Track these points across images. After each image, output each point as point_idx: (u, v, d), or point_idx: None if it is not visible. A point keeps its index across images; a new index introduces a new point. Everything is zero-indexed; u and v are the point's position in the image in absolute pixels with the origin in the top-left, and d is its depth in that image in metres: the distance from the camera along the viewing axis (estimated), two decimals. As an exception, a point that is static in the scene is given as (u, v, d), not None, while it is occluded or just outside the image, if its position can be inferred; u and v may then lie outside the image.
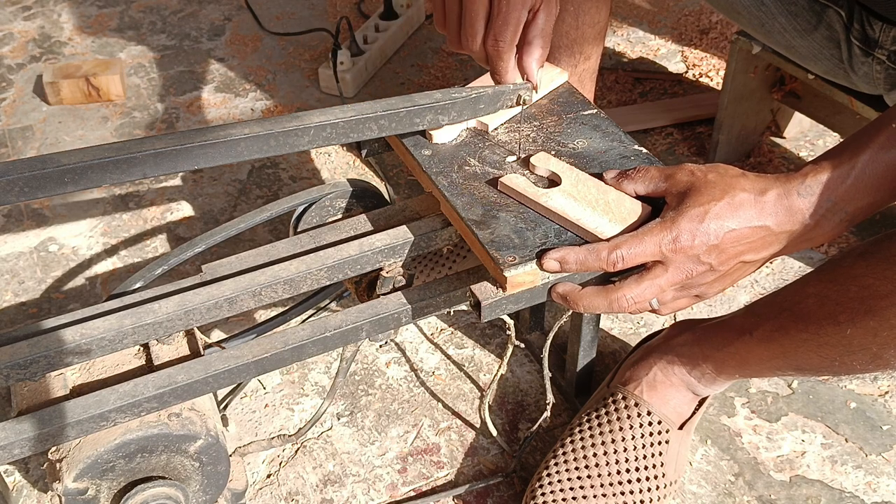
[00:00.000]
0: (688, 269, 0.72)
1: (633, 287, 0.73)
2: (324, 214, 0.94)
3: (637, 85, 1.63)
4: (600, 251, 0.73)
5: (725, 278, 0.75)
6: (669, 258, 0.72)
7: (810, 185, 0.71)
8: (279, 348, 0.77)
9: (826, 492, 0.99)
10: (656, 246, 0.72)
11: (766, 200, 0.71)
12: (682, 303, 0.77)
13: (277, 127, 0.75)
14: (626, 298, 0.73)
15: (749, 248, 0.72)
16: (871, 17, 1.01)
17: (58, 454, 0.73)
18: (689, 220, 0.71)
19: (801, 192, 0.71)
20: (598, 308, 0.75)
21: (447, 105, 0.82)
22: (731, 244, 0.72)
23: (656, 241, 0.72)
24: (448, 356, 1.15)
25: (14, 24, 1.85)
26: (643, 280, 0.73)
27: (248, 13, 1.85)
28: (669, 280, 0.73)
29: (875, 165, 0.70)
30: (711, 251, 0.71)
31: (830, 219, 0.71)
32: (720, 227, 0.71)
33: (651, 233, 0.72)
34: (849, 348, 0.75)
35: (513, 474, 1.01)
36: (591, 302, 0.75)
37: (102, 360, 0.78)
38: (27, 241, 1.34)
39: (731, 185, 0.72)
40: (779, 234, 0.72)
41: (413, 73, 1.69)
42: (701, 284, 0.74)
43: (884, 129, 0.70)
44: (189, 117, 1.59)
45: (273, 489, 1.01)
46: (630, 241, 0.72)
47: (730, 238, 0.71)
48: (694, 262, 0.72)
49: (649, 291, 0.73)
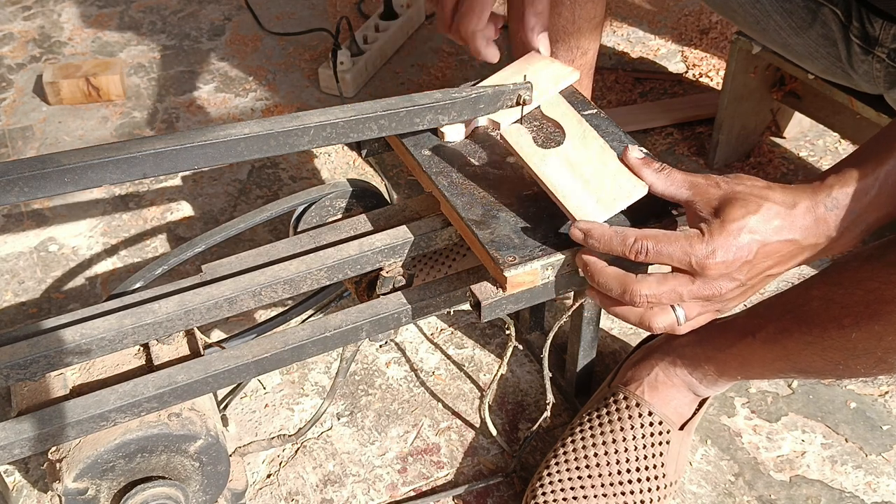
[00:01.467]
0: (718, 286, 0.70)
1: (653, 285, 0.71)
2: (324, 214, 0.94)
3: (637, 85, 1.63)
4: (628, 236, 0.71)
5: (748, 292, 0.73)
6: (700, 272, 0.70)
7: (837, 198, 0.70)
8: (279, 348, 0.77)
9: (826, 492, 0.99)
10: (687, 255, 0.69)
11: (795, 214, 0.70)
12: (703, 319, 0.76)
13: (277, 127, 0.75)
14: (640, 294, 0.71)
15: (777, 261, 0.71)
16: (871, 14, 1.01)
17: (58, 454, 0.73)
18: (727, 236, 0.69)
19: (828, 205, 0.70)
20: (610, 290, 0.73)
21: (447, 105, 0.82)
22: (762, 259, 0.70)
23: (689, 249, 0.69)
24: (448, 356, 1.15)
25: (14, 24, 1.85)
26: (666, 282, 0.71)
27: (248, 13, 1.85)
28: (694, 292, 0.71)
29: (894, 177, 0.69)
30: (744, 267, 0.70)
31: (852, 230, 0.70)
32: (754, 242, 0.69)
33: (686, 238, 0.70)
34: (853, 352, 0.75)
35: (513, 474, 1.01)
36: (607, 282, 0.73)
37: (102, 360, 0.78)
38: (27, 241, 1.34)
39: (763, 196, 0.70)
40: (805, 248, 0.71)
41: (413, 73, 1.69)
42: (726, 300, 0.73)
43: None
44: (189, 117, 1.59)
45: (273, 489, 1.01)
46: (662, 238, 0.70)
47: (762, 253, 0.70)
48: (726, 279, 0.70)
49: (667, 297, 0.71)
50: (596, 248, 0.73)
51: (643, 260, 0.71)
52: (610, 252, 0.73)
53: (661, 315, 0.73)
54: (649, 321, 0.74)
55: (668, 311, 0.73)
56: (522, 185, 0.82)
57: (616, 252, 0.72)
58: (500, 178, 0.83)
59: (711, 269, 0.69)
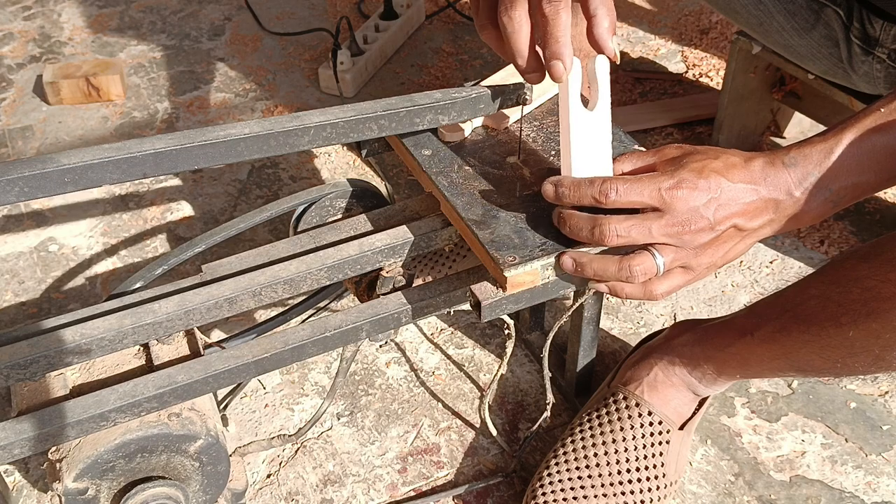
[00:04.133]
0: (685, 218, 0.72)
1: (623, 221, 0.72)
2: (324, 214, 0.94)
3: (637, 85, 1.63)
4: (595, 180, 0.73)
5: (719, 246, 0.74)
6: (668, 203, 0.71)
7: (794, 157, 0.72)
8: (279, 348, 0.77)
9: (826, 492, 0.99)
10: (655, 188, 0.71)
11: (753, 165, 0.73)
12: (677, 276, 0.76)
13: (277, 127, 0.75)
14: (610, 228, 0.72)
15: (743, 210, 0.73)
16: (872, 15, 1.01)
17: (58, 454, 0.73)
18: (690, 171, 0.72)
19: (785, 161, 0.72)
20: (581, 229, 0.73)
21: (447, 105, 0.82)
22: (727, 200, 0.72)
23: (655, 183, 0.71)
24: (448, 356, 1.15)
25: (14, 24, 1.85)
26: (633, 217, 0.72)
27: (248, 13, 1.85)
28: (663, 226, 0.72)
29: (860, 146, 0.71)
30: (711, 203, 0.71)
31: (816, 195, 0.72)
32: (718, 181, 0.72)
33: (650, 176, 0.72)
34: (851, 350, 0.75)
35: (513, 474, 1.01)
36: (577, 223, 0.74)
37: (102, 360, 0.78)
38: (27, 241, 1.34)
39: (721, 151, 0.74)
40: (767, 202, 0.73)
41: (413, 73, 1.69)
42: (696, 246, 0.73)
43: (872, 112, 0.71)
44: (189, 117, 1.59)
45: (273, 489, 1.01)
46: (630, 179, 0.72)
47: (727, 194, 0.72)
48: (693, 213, 0.72)
49: (637, 231, 0.72)
50: (566, 198, 0.74)
51: (613, 201, 0.72)
52: (580, 200, 0.74)
53: (638, 258, 0.74)
54: (628, 265, 0.73)
55: (645, 255, 0.74)
56: (522, 185, 0.82)
57: (586, 199, 0.73)
58: (500, 178, 0.83)
59: (679, 200, 0.71)
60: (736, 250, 0.76)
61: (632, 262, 0.73)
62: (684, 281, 0.77)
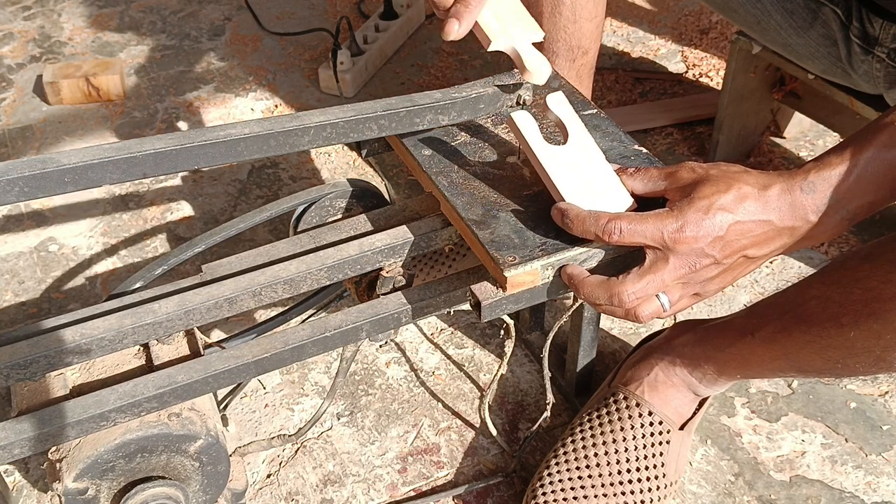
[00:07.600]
0: (691, 262, 0.72)
1: (636, 281, 0.72)
2: (324, 214, 0.94)
3: (637, 85, 1.63)
4: (601, 217, 0.72)
5: (727, 274, 0.74)
6: (672, 248, 0.71)
7: (813, 182, 0.71)
8: (279, 348, 0.77)
9: (826, 492, 0.99)
10: (658, 231, 0.71)
11: (769, 195, 0.71)
12: (684, 303, 0.76)
13: (277, 127, 0.75)
14: (627, 294, 0.72)
15: (753, 242, 0.72)
16: (871, 14, 1.01)
17: (58, 454, 0.73)
18: (696, 211, 0.71)
19: (803, 188, 0.71)
20: (598, 298, 0.74)
21: (447, 105, 0.82)
22: (735, 237, 0.71)
23: (660, 226, 0.71)
24: (448, 356, 1.15)
25: (14, 24, 1.85)
26: (645, 274, 0.72)
27: (248, 13, 1.85)
28: (672, 273, 0.72)
29: (877, 164, 0.70)
30: (716, 243, 0.71)
31: (832, 216, 0.71)
32: (725, 219, 0.70)
33: (656, 216, 0.72)
34: (852, 351, 0.75)
35: (513, 474, 1.01)
36: (593, 291, 0.74)
37: (102, 360, 0.78)
38: (27, 241, 1.34)
39: (735, 178, 0.72)
40: (781, 230, 0.72)
41: (413, 73, 1.69)
42: (703, 280, 0.73)
43: (885, 127, 0.70)
44: (189, 117, 1.59)
45: (273, 489, 1.01)
46: (634, 218, 0.72)
47: (735, 231, 0.71)
48: (698, 255, 0.71)
49: (652, 286, 0.72)
50: (571, 229, 0.74)
51: (616, 240, 0.72)
52: (584, 233, 0.74)
53: (645, 304, 0.74)
54: (636, 312, 0.74)
55: (652, 300, 0.74)
56: (522, 185, 0.82)
57: (590, 233, 0.73)
58: (500, 178, 0.83)
59: (682, 243, 0.71)
60: (747, 271, 0.76)
61: (638, 310, 0.74)
62: (691, 303, 0.77)
